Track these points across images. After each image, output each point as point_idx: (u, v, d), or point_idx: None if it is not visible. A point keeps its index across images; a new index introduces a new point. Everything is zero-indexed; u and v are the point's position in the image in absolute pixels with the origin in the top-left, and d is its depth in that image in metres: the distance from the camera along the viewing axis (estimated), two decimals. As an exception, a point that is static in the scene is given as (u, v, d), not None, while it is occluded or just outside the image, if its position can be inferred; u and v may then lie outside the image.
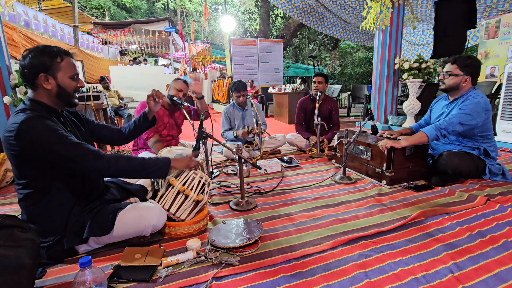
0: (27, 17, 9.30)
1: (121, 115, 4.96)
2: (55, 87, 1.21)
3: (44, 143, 1.10)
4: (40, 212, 1.21)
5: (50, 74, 1.18)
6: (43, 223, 1.21)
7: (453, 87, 2.09)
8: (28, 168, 1.16)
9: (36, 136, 1.08)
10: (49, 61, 1.17)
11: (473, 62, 2.03)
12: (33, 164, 1.16)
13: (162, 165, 1.34)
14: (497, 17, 5.15)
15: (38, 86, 1.19)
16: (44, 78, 1.18)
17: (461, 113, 1.98)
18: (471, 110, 1.96)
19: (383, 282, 1.09)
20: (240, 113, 3.18)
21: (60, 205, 1.23)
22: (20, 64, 1.17)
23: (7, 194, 2.24)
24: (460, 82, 2.06)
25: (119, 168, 1.24)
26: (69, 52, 1.25)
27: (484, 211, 1.65)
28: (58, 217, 1.22)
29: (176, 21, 20.29)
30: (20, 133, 1.07)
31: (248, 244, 1.31)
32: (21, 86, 2.53)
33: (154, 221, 1.31)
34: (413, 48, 8.69)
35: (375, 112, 4.91)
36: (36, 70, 1.16)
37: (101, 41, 13.00)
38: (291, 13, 7.29)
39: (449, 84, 2.09)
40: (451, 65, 2.08)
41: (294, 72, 14.24)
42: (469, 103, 1.99)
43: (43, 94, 1.21)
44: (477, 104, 1.96)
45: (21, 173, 1.17)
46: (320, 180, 2.31)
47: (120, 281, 1.12)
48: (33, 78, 1.17)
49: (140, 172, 1.31)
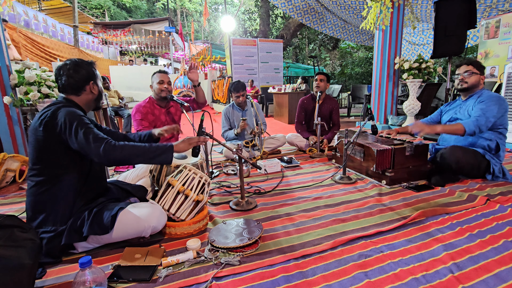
0: (27, 17, 9.30)
1: (121, 115, 4.96)
2: (98, 92, 1.45)
3: (72, 127, 1.22)
4: (47, 200, 1.26)
5: (94, 83, 1.42)
6: (48, 212, 1.25)
7: (475, 84, 2.18)
8: (47, 152, 1.25)
9: (65, 116, 1.23)
10: (94, 71, 1.42)
11: (482, 64, 2.19)
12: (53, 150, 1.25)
13: (165, 149, 1.37)
14: (497, 17, 5.15)
15: (83, 91, 1.39)
16: (93, 84, 1.41)
17: (490, 106, 2.03)
18: (496, 102, 2.04)
19: (383, 282, 1.09)
20: (240, 113, 3.18)
21: (66, 195, 1.28)
22: (67, 74, 1.34)
23: (7, 194, 2.24)
24: (479, 80, 2.18)
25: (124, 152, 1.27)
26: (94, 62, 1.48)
27: (484, 211, 1.66)
28: (63, 208, 1.26)
29: (176, 21, 20.28)
30: (54, 116, 1.23)
31: (248, 244, 1.31)
32: (21, 86, 2.53)
33: (154, 223, 1.32)
34: (413, 48, 8.69)
35: (375, 112, 4.91)
36: (87, 78, 1.38)
37: (101, 41, 12.99)
38: (291, 13, 7.29)
39: (471, 82, 2.18)
40: (467, 66, 2.19)
41: (294, 72, 14.23)
42: (490, 96, 2.08)
43: (83, 98, 1.40)
44: (498, 97, 2.07)
45: (39, 157, 1.25)
46: (320, 180, 2.31)
47: (120, 281, 1.12)
48: (83, 85, 1.38)
49: (145, 156, 1.33)
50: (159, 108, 2.50)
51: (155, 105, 2.48)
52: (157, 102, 2.49)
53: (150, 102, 2.47)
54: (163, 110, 2.52)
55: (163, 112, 2.52)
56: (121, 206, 1.31)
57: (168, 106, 2.57)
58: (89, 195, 1.35)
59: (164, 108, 2.53)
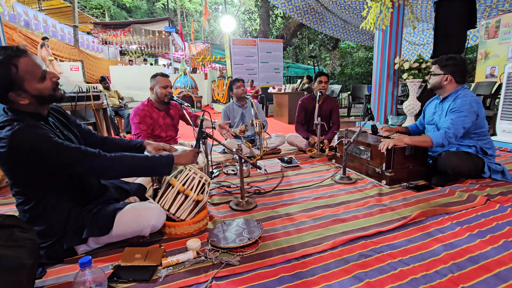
0: (27, 17, 9.31)
1: (121, 115, 4.97)
2: (31, 98, 1.09)
3: (42, 153, 1.04)
4: (38, 215, 1.19)
5: (18, 89, 1.05)
6: (42, 226, 1.20)
7: (436, 86, 2.17)
8: (23, 178, 1.14)
9: (31, 147, 1.03)
10: (7, 77, 1.01)
11: (453, 61, 2.08)
12: (28, 174, 1.13)
13: (166, 162, 1.33)
14: (497, 17, 5.15)
15: (15, 103, 1.09)
16: (15, 95, 1.06)
17: (460, 116, 2.00)
18: (467, 111, 2.00)
19: (383, 282, 1.09)
20: (240, 110, 3.20)
21: (58, 208, 1.22)
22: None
23: (7, 194, 2.23)
24: (441, 81, 2.13)
25: (124, 167, 1.22)
26: (21, 50, 1.05)
27: (484, 211, 1.65)
28: (56, 219, 1.21)
29: (176, 21, 20.27)
30: (13, 147, 1.01)
31: (248, 244, 1.31)
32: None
33: (154, 221, 1.31)
34: (413, 48, 8.69)
35: (375, 112, 4.91)
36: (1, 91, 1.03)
37: (101, 41, 12.99)
38: (291, 13, 7.29)
39: (432, 83, 2.19)
40: (432, 65, 2.20)
41: (294, 72, 14.24)
42: (462, 103, 2.02)
43: (24, 106, 1.11)
44: (470, 104, 2.00)
45: (16, 182, 1.15)
46: (320, 180, 2.31)
47: (120, 281, 1.12)
48: (4, 98, 1.06)
49: (144, 170, 1.29)
50: (158, 112, 2.48)
51: (153, 108, 2.47)
52: (156, 105, 2.48)
53: (148, 105, 2.45)
54: (161, 113, 2.50)
55: (162, 115, 2.51)
56: (120, 206, 1.31)
57: (167, 109, 2.56)
58: (82, 200, 1.30)
59: (163, 111, 2.51)
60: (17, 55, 1.03)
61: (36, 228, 1.18)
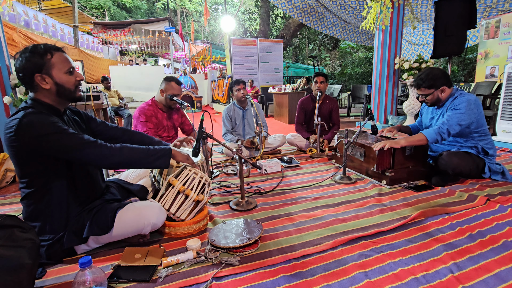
0: (27, 17, 9.29)
1: (121, 115, 4.97)
2: (53, 85, 1.19)
3: (43, 136, 1.10)
4: (41, 210, 1.21)
5: (45, 73, 1.17)
6: (44, 221, 1.22)
7: (436, 101, 2.17)
8: (30, 166, 1.17)
9: (35, 129, 1.09)
10: (40, 60, 1.16)
11: (431, 75, 2.08)
12: (34, 161, 1.16)
13: (163, 154, 1.34)
14: (497, 17, 5.15)
15: (37, 87, 1.19)
16: (41, 78, 1.17)
17: (457, 113, 2.01)
18: (465, 108, 2.00)
19: (383, 282, 1.09)
20: (241, 112, 3.19)
21: (61, 204, 1.23)
22: (15, 69, 1.17)
23: (7, 194, 2.23)
24: (438, 96, 2.13)
25: (123, 156, 1.23)
26: (59, 47, 1.23)
27: (484, 211, 1.65)
28: (58, 216, 1.23)
29: (176, 21, 20.26)
30: (19, 128, 1.08)
31: (248, 244, 1.31)
32: (21, 86, 2.54)
33: (154, 219, 1.31)
34: (413, 48, 8.68)
35: (375, 112, 4.91)
36: (30, 71, 1.15)
37: (101, 41, 12.97)
38: (291, 13, 7.29)
39: (432, 101, 2.18)
40: (419, 90, 2.17)
41: (294, 72, 14.22)
42: (460, 101, 2.03)
43: (44, 94, 1.21)
44: (468, 102, 2.01)
45: (23, 172, 1.19)
46: (320, 180, 2.31)
47: (120, 281, 1.12)
48: (30, 80, 1.17)
49: (143, 161, 1.30)
50: (162, 113, 2.52)
51: (158, 109, 2.50)
52: (160, 106, 2.51)
53: (153, 105, 2.48)
54: (165, 115, 2.54)
55: (165, 117, 2.55)
56: (120, 206, 1.31)
57: (171, 113, 2.59)
58: (84, 199, 1.32)
59: (166, 113, 2.55)
60: (55, 48, 1.21)
61: (37, 224, 1.21)
